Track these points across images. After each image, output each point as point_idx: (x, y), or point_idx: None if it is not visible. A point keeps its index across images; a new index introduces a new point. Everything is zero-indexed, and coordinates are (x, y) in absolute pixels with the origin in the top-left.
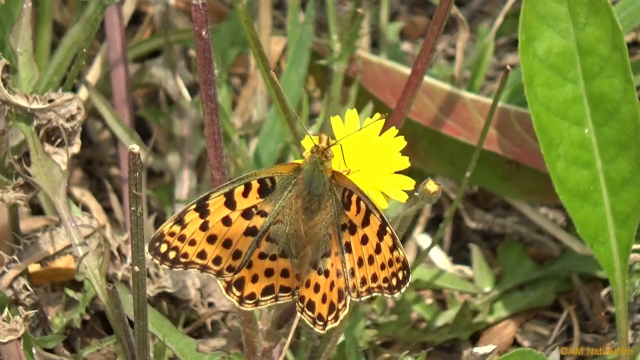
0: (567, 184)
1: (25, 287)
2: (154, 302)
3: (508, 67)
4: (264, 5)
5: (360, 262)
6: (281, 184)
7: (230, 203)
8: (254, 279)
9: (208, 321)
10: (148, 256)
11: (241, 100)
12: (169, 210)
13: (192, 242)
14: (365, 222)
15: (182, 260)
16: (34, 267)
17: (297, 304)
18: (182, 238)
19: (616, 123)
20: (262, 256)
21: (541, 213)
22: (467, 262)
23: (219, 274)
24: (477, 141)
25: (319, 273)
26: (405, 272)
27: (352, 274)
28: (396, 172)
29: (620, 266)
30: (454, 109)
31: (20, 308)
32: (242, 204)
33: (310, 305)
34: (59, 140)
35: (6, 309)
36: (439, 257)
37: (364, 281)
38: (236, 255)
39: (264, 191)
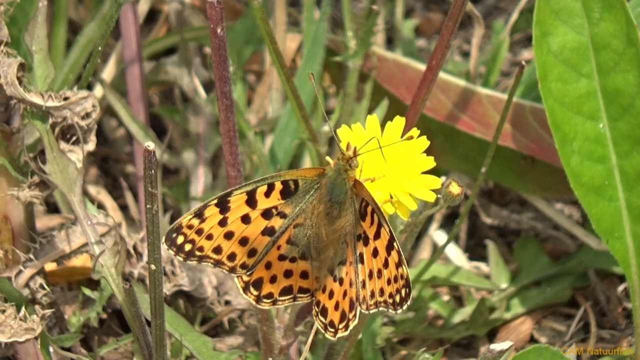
0: (582, 179)
1: (41, 286)
2: (170, 301)
3: (523, 62)
4: (280, 3)
5: (370, 275)
6: (304, 187)
7: (251, 202)
8: (273, 280)
9: (225, 319)
10: (164, 254)
11: (256, 97)
12: (185, 207)
13: (209, 237)
14: (377, 235)
15: (197, 253)
16: (50, 266)
17: (313, 308)
18: (199, 232)
19: (631, 117)
20: (281, 258)
21: (557, 209)
22: (483, 258)
23: (232, 270)
24: (492, 137)
25: (335, 280)
26: (407, 289)
27: (363, 285)
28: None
29: (636, 262)
30: (469, 105)
31: (37, 307)
32: (263, 203)
33: (324, 311)
34: (74, 138)
35: (23, 308)
36: (455, 254)
37: (372, 294)
38: (251, 253)
39: (286, 193)
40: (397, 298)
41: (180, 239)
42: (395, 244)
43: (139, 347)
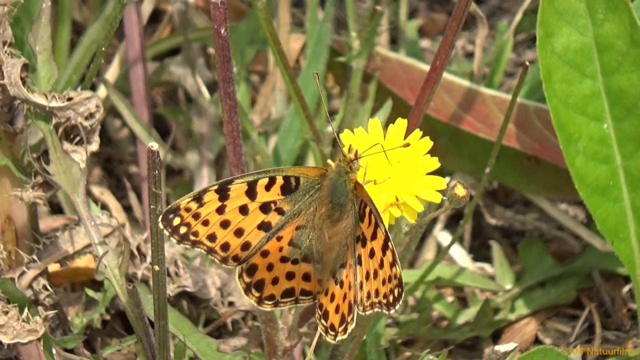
0: (587, 180)
1: (44, 287)
2: (174, 302)
3: (527, 63)
4: (283, 3)
5: (367, 276)
6: (305, 186)
7: (251, 193)
8: (275, 282)
9: (228, 320)
10: (168, 255)
11: (260, 97)
12: None
13: (206, 223)
14: (374, 236)
15: (192, 238)
16: (53, 267)
17: (316, 311)
18: (196, 216)
19: (635, 118)
20: (283, 260)
21: (561, 209)
22: (487, 259)
23: (224, 260)
24: (497, 137)
25: (336, 283)
26: (400, 289)
27: (361, 287)
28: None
29: None
30: (473, 105)
31: (40, 308)
32: (262, 196)
33: (326, 314)
34: (77, 139)
35: (26, 309)
36: (460, 255)
37: (369, 295)
38: (245, 246)
39: (286, 189)
40: (391, 298)
41: (176, 221)
42: (390, 243)
43: (143, 348)
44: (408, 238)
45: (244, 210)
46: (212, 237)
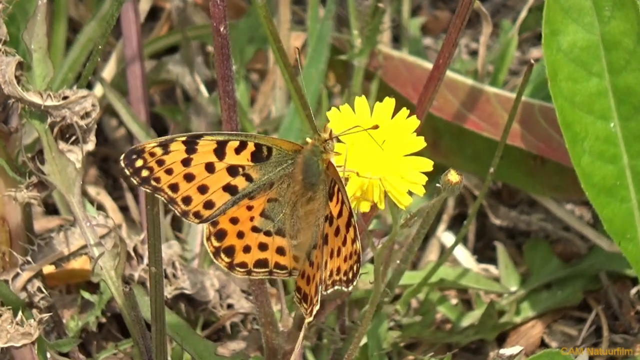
0: (593, 180)
1: (39, 289)
2: (171, 304)
3: (532, 61)
4: (284, 0)
5: (332, 254)
6: (277, 157)
7: (220, 152)
8: (246, 250)
9: (227, 323)
10: (166, 256)
11: (260, 96)
12: None
13: (169, 171)
14: (340, 214)
15: (153, 183)
16: (48, 269)
17: (295, 295)
18: (160, 162)
19: None
20: (255, 229)
21: (567, 209)
22: (492, 260)
23: (184, 214)
24: (501, 136)
25: (310, 265)
26: (358, 265)
27: (326, 266)
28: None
29: None
30: (477, 104)
31: (35, 311)
32: (231, 158)
33: (305, 298)
34: (73, 138)
35: (20, 312)
36: (464, 256)
37: (331, 274)
38: (208, 205)
39: (257, 157)
40: (350, 274)
41: (139, 162)
42: (352, 220)
43: (139, 352)
44: (410, 238)
45: (210, 168)
46: (174, 187)
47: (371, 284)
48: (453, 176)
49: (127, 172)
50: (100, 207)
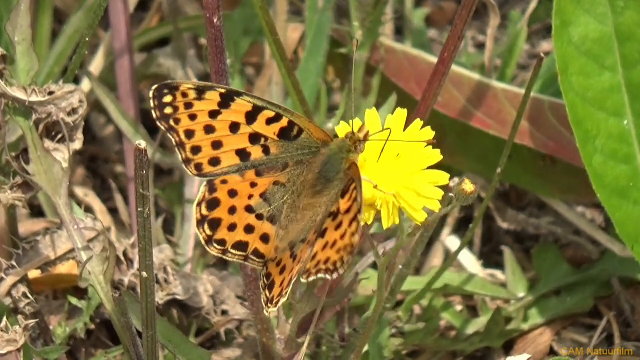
0: (605, 180)
1: (25, 295)
2: (163, 311)
3: (542, 54)
4: None
5: (325, 247)
6: (303, 141)
7: (251, 117)
8: (231, 228)
9: (222, 330)
10: (157, 261)
11: (255, 91)
12: (179, 210)
13: (193, 117)
14: (348, 210)
15: (171, 123)
16: (34, 274)
17: (261, 279)
18: (188, 105)
19: None
20: (249, 209)
21: (578, 212)
22: (499, 265)
23: (186, 161)
24: (509, 135)
25: (291, 256)
26: (350, 257)
27: (313, 257)
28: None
29: None
30: (483, 100)
31: (20, 317)
32: (259, 126)
33: (271, 285)
34: (59, 136)
35: (5, 319)
36: (469, 261)
37: (317, 263)
38: (214, 161)
39: (284, 133)
40: (338, 264)
41: (167, 98)
42: (359, 216)
43: None
44: (413, 242)
45: (234, 128)
46: (190, 134)
47: (373, 292)
48: (468, 186)
49: (152, 104)
50: (88, 209)
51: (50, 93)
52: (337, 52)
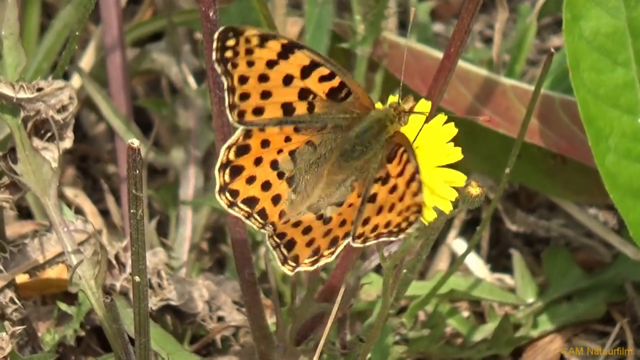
0: (618, 180)
1: (12, 300)
2: (156, 317)
3: (552, 49)
4: None
5: (380, 211)
6: (348, 104)
7: (306, 72)
8: (250, 180)
9: (218, 337)
10: (150, 264)
11: None
12: (173, 212)
13: (250, 63)
14: (401, 173)
15: (229, 67)
16: (21, 278)
17: (271, 239)
18: (249, 52)
19: None
20: (273, 165)
21: (590, 214)
22: (507, 269)
23: (232, 106)
24: (518, 133)
25: (319, 218)
26: (417, 215)
27: (366, 222)
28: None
29: None
30: (491, 97)
31: (7, 323)
32: (311, 82)
33: (290, 244)
34: (49, 134)
35: None
36: (476, 265)
37: (375, 228)
38: (258, 110)
39: (333, 93)
40: (403, 225)
41: (230, 42)
42: (417, 176)
43: None
44: (418, 245)
45: (287, 80)
46: (243, 79)
47: (377, 296)
48: (474, 189)
49: (215, 44)
50: (78, 211)
51: (39, 89)
52: (339, 47)
